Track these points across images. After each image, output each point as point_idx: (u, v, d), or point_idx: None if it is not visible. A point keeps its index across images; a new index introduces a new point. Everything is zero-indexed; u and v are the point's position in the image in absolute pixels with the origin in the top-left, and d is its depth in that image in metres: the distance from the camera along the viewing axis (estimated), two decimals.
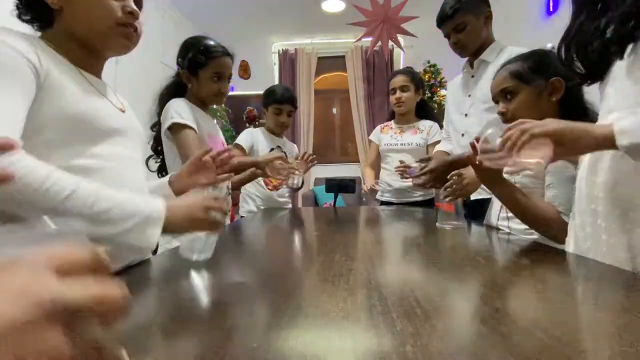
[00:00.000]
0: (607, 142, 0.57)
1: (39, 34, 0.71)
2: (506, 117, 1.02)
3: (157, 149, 1.32)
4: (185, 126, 1.18)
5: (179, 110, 1.19)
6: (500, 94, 1.03)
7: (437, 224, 1.09)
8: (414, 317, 0.42)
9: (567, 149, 0.61)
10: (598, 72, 0.67)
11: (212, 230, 0.70)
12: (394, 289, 0.53)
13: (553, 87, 0.95)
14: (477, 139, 0.98)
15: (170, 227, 0.65)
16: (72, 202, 0.56)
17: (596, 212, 0.66)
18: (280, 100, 1.81)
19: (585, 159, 0.70)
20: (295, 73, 4.77)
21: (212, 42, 1.27)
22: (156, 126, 1.31)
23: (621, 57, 0.60)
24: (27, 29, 0.70)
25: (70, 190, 0.55)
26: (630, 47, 0.59)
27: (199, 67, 1.24)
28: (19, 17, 0.70)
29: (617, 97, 0.63)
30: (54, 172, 0.55)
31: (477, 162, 0.85)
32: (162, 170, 1.33)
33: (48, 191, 0.54)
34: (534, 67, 0.97)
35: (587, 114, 0.94)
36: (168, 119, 1.19)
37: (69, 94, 0.65)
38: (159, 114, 1.29)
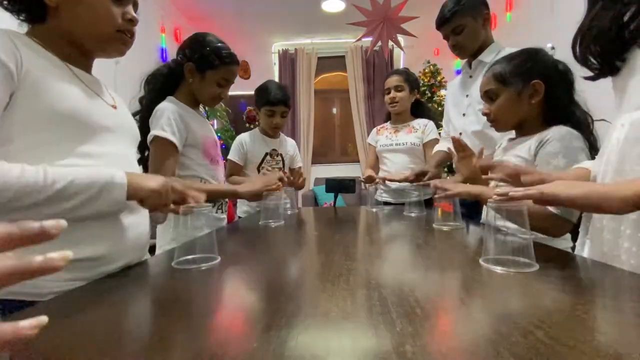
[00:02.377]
0: (632, 203, 0.53)
1: (22, 26, 0.70)
2: (489, 118, 1.06)
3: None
4: (168, 143, 1.13)
5: (167, 122, 1.13)
6: (485, 96, 1.06)
7: (435, 225, 1.10)
8: (414, 317, 0.42)
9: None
10: (614, 64, 0.65)
11: (166, 207, 0.71)
12: (394, 289, 0.53)
13: (534, 89, 0.96)
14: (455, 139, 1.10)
15: (135, 187, 0.65)
16: (21, 197, 0.54)
17: (620, 219, 0.64)
18: (273, 102, 1.72)
19: (611, 163, 0.67)
20: (295, 73, 4.78)
21: (225, 46, 1.24)
22: (138, 114, 1.23)
23: None
24: (9, 19, 0.68)
25: (14, 190, 0.53)
26: None
27: (209, 68, 1.21)
28: (1, 4, 0.68)
29: None
30: None
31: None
32: (142, 162, 1.24)
33: None
34: (516, 69, 0.98)
35: (570, 117, 0.95)
36: (153, 128, 1.14)
37: (55, 91, 0.63)
38: (142, 99, 1.24)
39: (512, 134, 1.12)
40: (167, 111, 1.16)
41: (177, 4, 3.71)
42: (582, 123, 0.95)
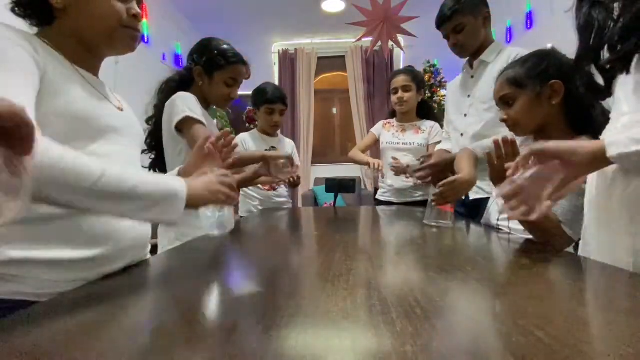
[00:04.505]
0: (599, 156, 0.59)
1: (33, 29, 0.71)
2: (508, 124, 1.03)
3: (152, 144, 1.28)
4: (198, 121, 1.16)
5: (191, 105, 1.17)
6: (501, 102, 1.03)
7: (425, 221, 1.10)
8: (414, 317, 0.42)
9: (572, 169, 0.64)
10: (611, 86, 0.68)
11: (228, 203, 0.76)
12: (394, 289, 0.53)
13: (552, 90, 0.94)
14: (497, 141, 0.97)
15: (193, 201, 0.67)
16: (102, 184, 0.55)
17: (603, 214, 0.66)
18: (272, 100, 1.80)
19: None
20: (295, 73, 4.78)
21: (230, 48, 1.28)
22: (152, 120, 1.27)
23: (628, 71, 0.61)
24: (20, 23, 0.69)
25: (100, 172, 0.55)
26: (635, 58, 0.59)
27: (216, 69, 1.24)
28: (14, 11, 0.69)
29: (629, 100, 0.63)
30: (81, 156, 0.54)
31: (495, 162, 0.93)
32: (155, 167, 1.30)
33: (79, 175, 0.53)
34: (531, 71, 0.96)
35: (591, 115, 0.94)
36: (179, 113, 1.15)
37: (66, 92, 0.65)
38: (156, 106, 1.26)
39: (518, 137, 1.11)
40: (186, 98, 1.19)
41: (178, 3, 3.70)
42: (603, 125, 0.93)
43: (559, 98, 0.94)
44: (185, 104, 1.17)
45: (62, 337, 0.40)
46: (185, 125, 1.16)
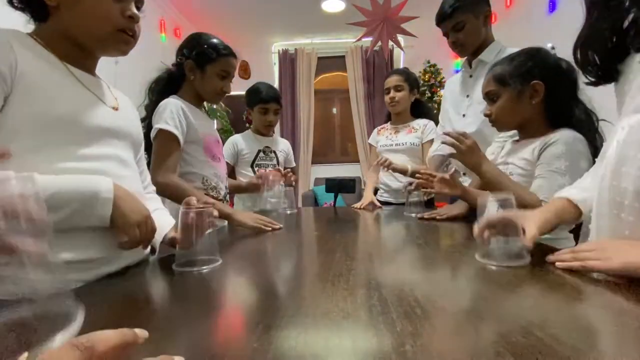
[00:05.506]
0: None
1: (30, 24, 0.69)
2: (490, 120, 1.07)
3: (145, 145, 1.26)
4: (171, 136, 1.14)
5: (170, 116, 1.15)
6: (486, 97, 1.06)
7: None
8: (414, 317, 0.42)
9: None
10: (613, 72, 0.65)
11: (138, 240, 0.68)
12: (394, 289, 0.53)
13: (533, 90, 0.96)
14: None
15: (117, 208, 0.63)
16: None
17: (622, 205, 0.63)
18: (266, 100, 1.79)
19: (610, 165, 0.67)
20: (295, 73, 4.78)
21: (220, 41, 1.28)
22: (144, 121, 1.25)
23: None
24: (15, 18, 0.68)
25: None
26: None
27: (208, 62, 1.23)
28: (10, 3, 0.67)
29: None
30: None
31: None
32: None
33: None
34: (516, 69, 0.98)
35: (572, 117, 0.95)
36: (156, 122, 1.15)
37: (49, 95, 0.63)
38: (148, 107, 1.26)
39: (508, 132, 1.13)
40: (170, 105, 1.18)
41: (177, 3, 3.70)
42: (584, 123, 0.94)
43: (538, 98, 0.97)
44: (167, 114, 1.15)
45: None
46: (157, 136, 1.15)
